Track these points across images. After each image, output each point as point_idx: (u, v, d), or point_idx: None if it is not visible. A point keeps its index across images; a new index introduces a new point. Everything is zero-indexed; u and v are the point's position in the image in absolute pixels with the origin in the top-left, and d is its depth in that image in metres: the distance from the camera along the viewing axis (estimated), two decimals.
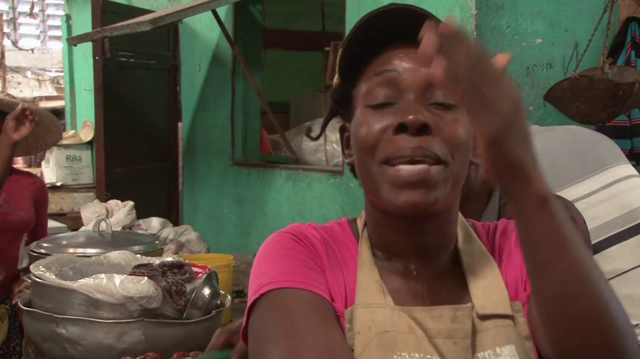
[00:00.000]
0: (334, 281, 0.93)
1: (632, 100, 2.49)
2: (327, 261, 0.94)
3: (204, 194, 4.89)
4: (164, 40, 4.87)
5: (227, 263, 2.28)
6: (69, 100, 6.62)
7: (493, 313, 0.90)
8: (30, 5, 8.51)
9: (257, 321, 0.89)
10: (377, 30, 0.91)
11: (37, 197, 2.97)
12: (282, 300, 0.88)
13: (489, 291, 0.92)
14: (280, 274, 0.90)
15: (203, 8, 3.67)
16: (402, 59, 0.89)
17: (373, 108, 0.90)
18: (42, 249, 2.30)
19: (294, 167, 4.00)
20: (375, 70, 0.91)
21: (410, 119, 0.85)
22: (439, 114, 0.87)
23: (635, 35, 2.85)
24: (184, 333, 1.72)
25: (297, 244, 0.94)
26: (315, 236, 0.96)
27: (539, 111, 2.71)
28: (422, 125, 0.85)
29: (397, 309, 0.90)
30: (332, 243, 0.97)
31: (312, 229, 0.98)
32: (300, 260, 0.92)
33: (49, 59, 8.60)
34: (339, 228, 1.01)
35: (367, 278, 0.93)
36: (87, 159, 5.76)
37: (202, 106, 4.89)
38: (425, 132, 0.85)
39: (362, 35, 0.91)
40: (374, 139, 0.88)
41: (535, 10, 2.72)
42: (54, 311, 1.68)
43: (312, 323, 0.85)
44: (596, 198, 1.75)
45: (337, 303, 0.92)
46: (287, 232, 0.97)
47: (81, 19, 6.22)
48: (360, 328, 0.89)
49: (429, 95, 0.87)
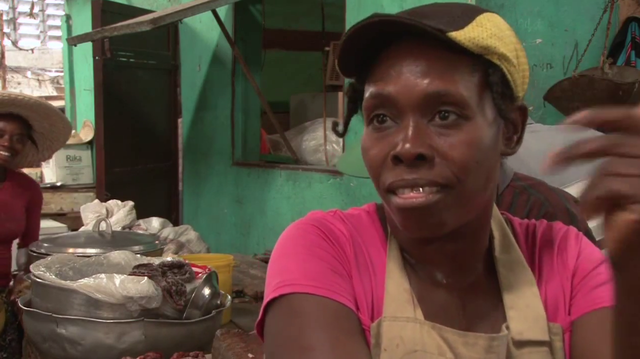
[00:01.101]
0: (361, 287, 0.86)
1: (632, 100, 2.49)
2: (355, 265, 0.87)
3: (204, 194, 4.89)
4: (164, 40, 4.87)
5: (227, 263, 2.28)
6: (69, 100, 6.62)
7: (529, 339, 0.84)
8: (30, 5, 8.51)
9: (275, 324, 0.83)
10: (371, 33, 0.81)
11: (30, 202, 2.95)
12: (304, 308, 0.81)
13: (526, 312, 0.85)
14: (305, 277, 0.83)
15: (203, 8, 3.67)
16: (400, 71, 0.80)
17: (374, 128, 0.82)
18: (42, 249, 2.30)
19: (294, 167, 4.00)
20: (373, 87, 0.82)
21: (403, 151, 0.77)
22: (442, 133, 0.78)
23: (635, 35, 2.85)
24: (184, 332, 1.72)
25: (324, 242, 0.87)
26: (343, 232, 0.88)
27: (539, 111, 2.71)
28: (417, 156, 0.77)
29: (426, 325, 0.84)
30: (360, 241, 0.89)
31: (339, 221, 0.90)
32: (327, 262, 0.85)
33: (49, 59, 8.59)
34: (367, 219, 0.92)
35: (396, 286, 0.86)
36: (87, 159, 5.76)
37: (202, 105, 4.89)
38: (423, 160, 0.77)
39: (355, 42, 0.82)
40: (377, 167, 0.81)
41: (535, 10, 2.72)
42: (54, 311, 1.68)
43: (334, 338, 0.79)
44: None
45: (363, 313, 0.85)
46: (313, 225, 0.88)
47: (81, 19, 6.23)
48: (387, 344, 0.83)
49: (430, 112, 0.79)
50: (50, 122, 2.85)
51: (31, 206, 2.96)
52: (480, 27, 0.79)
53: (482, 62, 0.80)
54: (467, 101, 0.78)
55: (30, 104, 2.71)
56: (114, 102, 4.34)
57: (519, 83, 0.84)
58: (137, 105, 4.65)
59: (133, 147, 4.57)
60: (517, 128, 0.86)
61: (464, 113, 0.78)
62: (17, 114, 2.74)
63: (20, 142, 2.78)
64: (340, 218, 0.91)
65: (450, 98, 0.78)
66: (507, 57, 0.81)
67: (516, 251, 0.89)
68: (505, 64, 0.81)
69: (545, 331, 0.84)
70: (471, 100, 0.78)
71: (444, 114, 0.78)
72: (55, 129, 2.90)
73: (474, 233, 0.86)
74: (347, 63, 0.85)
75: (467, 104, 0.78)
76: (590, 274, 0.86)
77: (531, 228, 0.93)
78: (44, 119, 2.82)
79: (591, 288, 0.85)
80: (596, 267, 0.87)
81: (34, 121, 2.81)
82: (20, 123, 2.76)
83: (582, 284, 0.86)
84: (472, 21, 0.80)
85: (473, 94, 0.79)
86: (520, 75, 0.84)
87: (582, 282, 0.86)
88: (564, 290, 0.86)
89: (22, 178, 3.02)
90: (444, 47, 0.78)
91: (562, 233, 0.91)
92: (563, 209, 1.42)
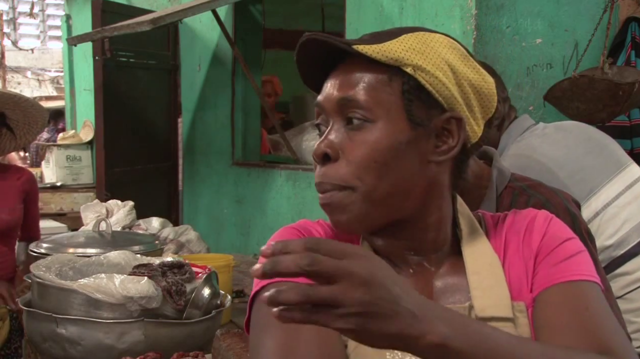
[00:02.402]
0: None
1: (632, 100, 2.48)
2: None
3: (204, 194, 4.89)
4: (164, 40, 4.87)
5: (227, 263, 2.28)
6: (69, 100, 6.62)
7: (492, 316, 0.89)
8: (30, 5, 8.52)
9: (255, 313, 0.92)
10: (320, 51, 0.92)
11: (26, 191, 2.87)
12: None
13: (490, 291, 0.91)
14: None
15: (203, 8, 3.67)
16: (328, 84, 0.92)
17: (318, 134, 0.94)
18: (42, 249, 2.30)
19: (294, 167, 4.00)
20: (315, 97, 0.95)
21: (314, 151, 0.90)
22: (350, 136, 0.89)
23: (635, 35, 2.85)
24: (184, 333, 1.72)
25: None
26: (319, 232, 0.98)
27: (539, 111, 2.71)
28: (323, 155, 0.89)
29: None
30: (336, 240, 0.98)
31: (318, 225, 0.99)
32: None
33: (49, 59, 8.60)
34: None
35: None
36: (87, 159, 5.76)
37: (202, 105, 4.89)
38: (328, 160, 0.89)
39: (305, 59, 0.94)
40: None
41: (535, 10, 2.72)
42: (54, 311, 1.68)
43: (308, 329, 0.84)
44: (623, 200, 1.76)
45: None
46: (293, 227, 0.98)
47: (81, 19, 6.23)
48: None
49: (344, 116, 0.89)
50: (21, 110, 2.82)
51: (28, 193, 2.90)
52: (399, 43, 0.89)
53: (400, 74, 0.89)
54: (370, 105, 0.87)
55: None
56: (114, 102, 4.34)
57: (446, 94, 0.90)
58: (137, 105, 4.65)
59: (133, 147, 4.57)
60: (449, 137, 0.91)
61: (367, 116, 0.87)
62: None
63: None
64: (321, 224, 1.00)
65: (354, 103, 0.88)
66: (424, 68, 0.88)
67: (483, 241, 0.96)
68: (422, 75, 0.88)
69: (509, 308, 0.89)
70: (376, 105, 0.87)
71: (350, 119, 0.89)
72: (30, 115, 2.86)
73: (421, 229, 0.93)
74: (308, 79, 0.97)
75: (368, 108, 0.87)
76: (553, 251, 0.92)
77: (502, 217, 1.00)
78: (15, 107, 2.79)
79: (552, 265, 0.91)
80: (559, 245, 0.93)
81: (4, 109, 2.77)
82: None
83: (545, 262, 0.92)
84: (395, 38, 0.90)
85: (380, 99, 0.88)
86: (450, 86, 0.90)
87: (544, 260, 0.92)
88: (527, 269, 0.92)
89: (13, 168, 2.98)
90: (366, 61, 0.88)
91: (531, 217, 0.97)
92: (564, 210, 1.42)
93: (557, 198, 1.44)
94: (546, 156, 1.75)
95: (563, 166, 1.74)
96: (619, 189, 1.76)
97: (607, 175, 1.77)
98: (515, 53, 2.68)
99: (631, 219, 1.75)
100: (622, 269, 1.73)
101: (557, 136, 1.84)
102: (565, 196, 1.47)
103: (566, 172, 1.72)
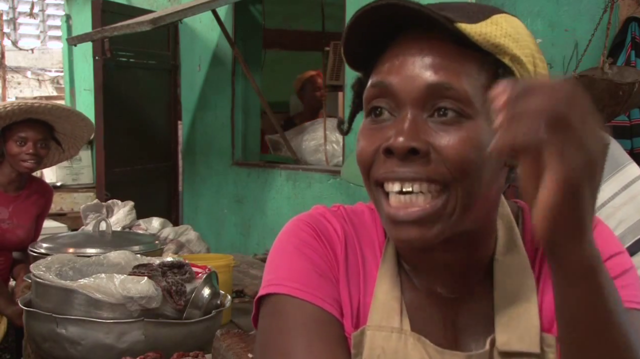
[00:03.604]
0: (347, 293, 0.84)
1: (632, 100, 2.48)
2: (344, 268, 0.85)
3: (204, 194, 4.89)
4: (164, 41, 4.87)
5: (227, 263, 2.28)
6: (69, 100, 6.62)
7: (517, 351, 0.79)
8: (30, 5, 8.51)
9: (260, 321, 0.85)
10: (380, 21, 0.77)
11: (42, 210, 2.95)
12: (285, 310, 0.81)
13: (517, 321, 0.80)
14: (289, 278, 0.82)
15: (203, 8, 3.67)
16: (403, 61, 0.76)
17: (371, 120, 0.79)
18: (42, 249, 2.30)
19: (294, 167, 4.00)
20: (374, 77, 0.79)
21: (395, 143, 0.74)
22: (440, 130, 0.74)
23: (635, 35, 2.85)
24: (184, 332, 1.72)
25: (315, 241, 0.85)
26: (337, 232, 0.86)
27: None
28: (410, 150, 0.73)
29: (412, 337, 0.81)
30: (355, 242, 0.87)
31: (336, 220, 0.87)
32: (313, 263, 0.83)
33: (49, 59, 8.59)
34: (370, 217, 0.89)
35: (385, 293, 0.83)
36: (87, 159, 5.76)
37: (202, 106, 4.89)
38: (416, 155, 0.74)
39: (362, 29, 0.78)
40: (368, 159, 0.78)
41: (535, 10, 2.72)
42: (54, 311, 1.68)
43: (312, 345, 0.78)
44: (618, 201, 1.75)
45: (347, 319, 0.83)
46: (309, 223, 0.86)
47: (81, 19, 6.23)
48: (368, 354, 0.81)
49: (430, 106, 0.75)
50: (71, 123, 2.83)
51: (42, 211, 2.96)
52: (495, 25, 0.75)
53: (492, 62, 0.76)
54: (469, 98, 0.74)
55: (48, 109, 2.69)
56: (114, 102, 4.34)
57: None
58: (137, 105, 4.65)
59: (133, 147, 4.56)
60: None
61: (465, 111, 0.74)
62: (36, 119, 2.72)
63: (45, 147, 2.75)
64: (341, 215, 0.88)
65: (452, 92, 0.73)
66: (521, 60, 0.76)
67: (520, 252, 0.83)
68: (517, 67, 0.76)
69: (537, 342, 0.79)
70: (474, 98, 0.74)
71: (443, 110, 0.74)
72: (78, 128, 2.89)
73: (475, 241, 0.82)
74: (353, 53, 0.82)
75: (469, 101, 0.74)
76: None
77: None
78: (65, 121, 2.80)
79: None
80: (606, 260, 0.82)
81: (54, 122, 2.79)
82: (41, 127, 2.73)
83: None
84: (487, 18, 0.76)
85: (478, 93, 0.74)
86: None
87: None
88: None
89: (40, 186, 3.01)
90: (453, 40, 0.74)
91: None
92: None
93: None
94: None
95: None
96: (615, 190, 1.76)
97: (603, 175, 1.77)
98: None
99: (627, 219, 1.74)
100: None
101: None
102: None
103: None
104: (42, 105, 2.69)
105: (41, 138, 2.72)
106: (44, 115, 2.71)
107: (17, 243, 2.80)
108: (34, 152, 2.69)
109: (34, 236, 2.91)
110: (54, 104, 2.78)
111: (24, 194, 2.85)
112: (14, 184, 2.80)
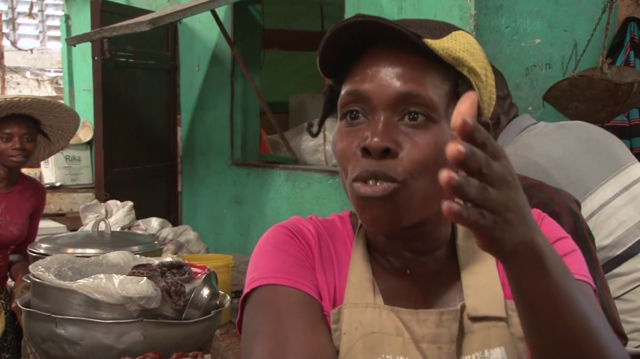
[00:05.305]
0: (324, 278, 0.93)
1: (631, 100, 2.48)
2: (319, 259, 0.94)
3: (203, 194, 4.89)
4: (163, 41, 4.87)
5: (226, 263, 2.28)
6: (68, 100, 6.62)
7: (485, 315, 0.89)
8: (30, 6, 8.51)
9: (246, 316, 0.91)
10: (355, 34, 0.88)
11: (35, 207, 2.96)
12: (270, 298, 0.89)
13: (483, 291, 0.91)
14: (270, 270, 0.91)
15: (202, 8, 3.67)
16: (376, 71, 0.86)
17: (347, 123, 0.88)
18: (41, 250, 2.30)
19: (293, 168, 4.00)
20: (349, 85, 0.88)
21: (372, 144, 0.83)
22: (410, 132, 0.84)
23: (634, 36, 2.85)
24: (183, 333, 1.72)
25: (291, 239, 0.95)
26: (310, 231, 0.97)
27: (538, 111, 2.71)
28: (384, 149, 0.83)
29: (386, 308, 0.90)
30: (328, 239, 0.97)
31: (310, 223, 0.98)
32: (291, 255, 0.93)
33: (48, 59, 8.59)
34: (340, 222, 1.01)
35: (358, 276, 0.93)
36: (86, 159, 5.76)
37: (201, 106, 4.89)
38: (388, 154, 0.83)
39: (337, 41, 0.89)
40: (346, 159, 0.87)
41: (535, 10, 2.72)
42: (53, 311, 1.68)
43: (297, 323, 0.86)
44: (619, 201, 1.75)
45: (325, 301, 0.92)
46: (284, 226, 0.97)
47: (80, 19, 6.23)
48: (346, 328, 0.89)
49: (401, 110, 0.85)
50: (55, 115, 2.84)
51: (35, 212, 2.97)
52: (455, 41, 0.86)
53: (452, 73, 0.86)
54: (435, 105, 0.84)
55: (28, 103, 2.70)
56: (113, 102, 4.34)
57: (485, 99, 0.91)
58: (136, 105, 4.65)
59: (132, 147, 4.56)
60: None
61: (432, 116, 0.84)
62: (20, 114, 2.73)
63: (31, 141, 2.78)
64: (313, 221, 0.99)
65: (420, 100, 0.84)
66: (477, 72, 0.87)
67: None
68: (473, 78, 0.87)
69: (502, 307, 0.89)
70: (439, 105, 0.84)
71: (413, 114, 0.84)
72: (62, 120, 2.90)
73: (436, 229, 0.92)
74: (327, 63, 0.92)
75: (435, 108, 0.84)
76: None
77: None
78: (48, 114, 2.81)
79: None
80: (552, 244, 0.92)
81: (39, 116, 2.80)
82: (26, 122, 2.75)
83: None
84: (448, 34, 0.86)
85: (441, 100, 0.85)
86: (487, 92, 0.91)
87: None
88: None
89: (32, 183, 3.03)
90: (419, 54, 0.85)
91: None
92: (567, 209, 1.42)
93: (559, 197, 1.44)
94: (543, 155, 1.74)
95: (559, 165, 1.73)
96: (616, 190, 1.76)
97: (604, 176, 1.76)
98: (514, 53, 2.68)
99: (628, 220, 1.74)
100: (619, 270, 1.73)
101: (556, 134, 1.83)
102: (567, 195, 1.46)
103: (562, 172, 1.71)
104: (22, 99, 2.70)
105: (26, 132, 2.74)
106: (26, 109, 2.72)
107: (12, 240, 2.82)
108: (20, 147, 2.71)
109: (31, 237, 2.92)
110: (35, 98, 2.79)
111: (16, 191, 2.86)
112: (4, 181, 2.82)
